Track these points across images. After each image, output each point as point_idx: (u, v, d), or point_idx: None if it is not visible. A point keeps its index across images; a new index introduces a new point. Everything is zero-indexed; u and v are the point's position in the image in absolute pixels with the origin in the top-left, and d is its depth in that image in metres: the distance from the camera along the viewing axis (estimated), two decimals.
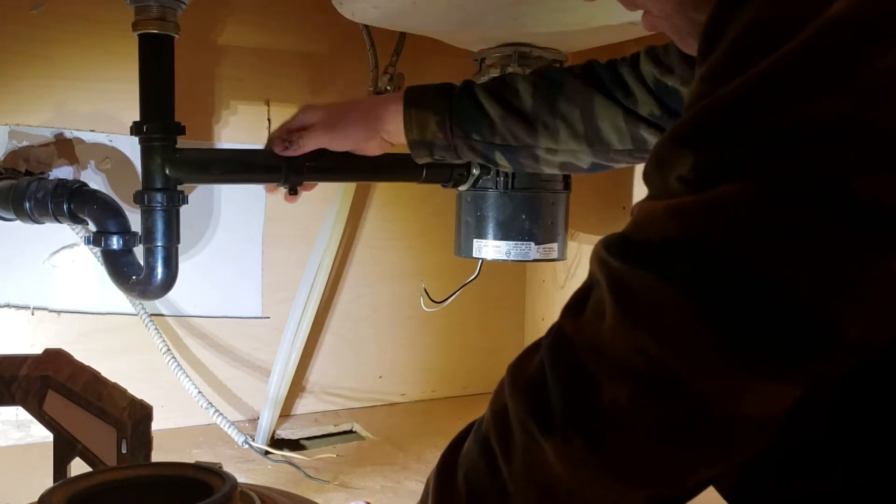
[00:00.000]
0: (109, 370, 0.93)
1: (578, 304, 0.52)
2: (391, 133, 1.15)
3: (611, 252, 0.47)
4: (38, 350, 0.93)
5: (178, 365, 1.55)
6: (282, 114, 1.71)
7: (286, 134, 1.19)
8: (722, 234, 0.41)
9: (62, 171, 1.52)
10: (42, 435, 1.04)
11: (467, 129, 1.09)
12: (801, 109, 0.39)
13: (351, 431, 1.79)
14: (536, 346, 0.55)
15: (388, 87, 1.57)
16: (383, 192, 1.86)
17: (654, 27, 0.65)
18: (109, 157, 1.57)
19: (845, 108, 0.38)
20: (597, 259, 0.49)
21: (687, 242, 0.42)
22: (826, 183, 0.39)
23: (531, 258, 1.46)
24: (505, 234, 1.46)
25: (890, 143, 0.38)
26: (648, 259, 0.44)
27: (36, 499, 0.61)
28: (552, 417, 0.49)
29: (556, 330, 0.53)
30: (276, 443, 1.65)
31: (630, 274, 0.45)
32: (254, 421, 1.71)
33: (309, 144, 1.18)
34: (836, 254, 0.39)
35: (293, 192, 1.26)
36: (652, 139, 1.09)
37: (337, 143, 1.19)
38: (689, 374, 0.43)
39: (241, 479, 0.66)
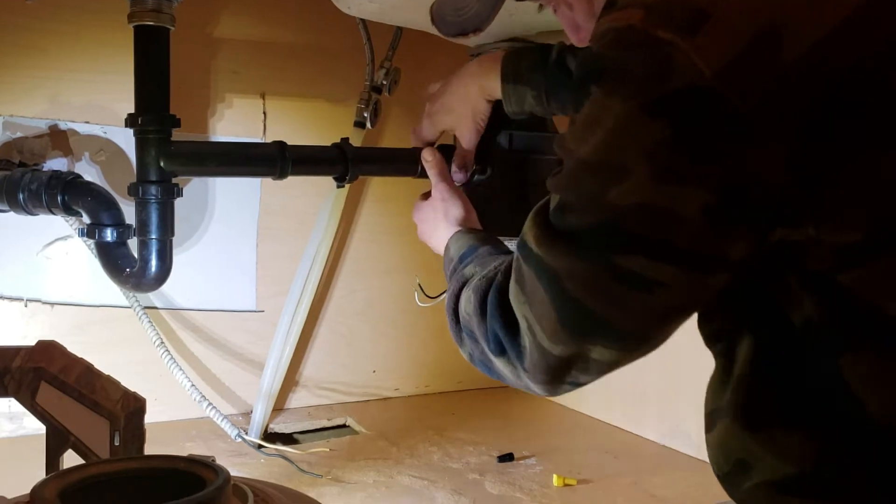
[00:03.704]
0: (103, 362, 0.92)
1: None
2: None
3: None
4: (32, 342, 0.92)
5: (172, 358, 1.54)
6: (277, 107, 1.71)
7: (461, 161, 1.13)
8: None
9: (56, 163, 1.51)
10: (35, 427, 1.04)
11: (563, 102, 1.08)
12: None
13: (344, 426, 1.79)
14: None
15: (384, 82, 1.56)
16: (378, 186, 1.86)
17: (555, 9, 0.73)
18: (104, 149, 1.56)
19: None
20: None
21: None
22: None
23: None
24: (500, 229, 1.46)
25: None
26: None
27: (28, 491, 0.61)
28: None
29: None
30: (270, 436, 1.65)
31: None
32: (247, 414, 1.71)
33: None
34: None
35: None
36: None
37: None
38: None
39: (233, 472, 0.66)
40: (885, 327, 0.51)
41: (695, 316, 0.61)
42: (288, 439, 1.69)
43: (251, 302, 1.75)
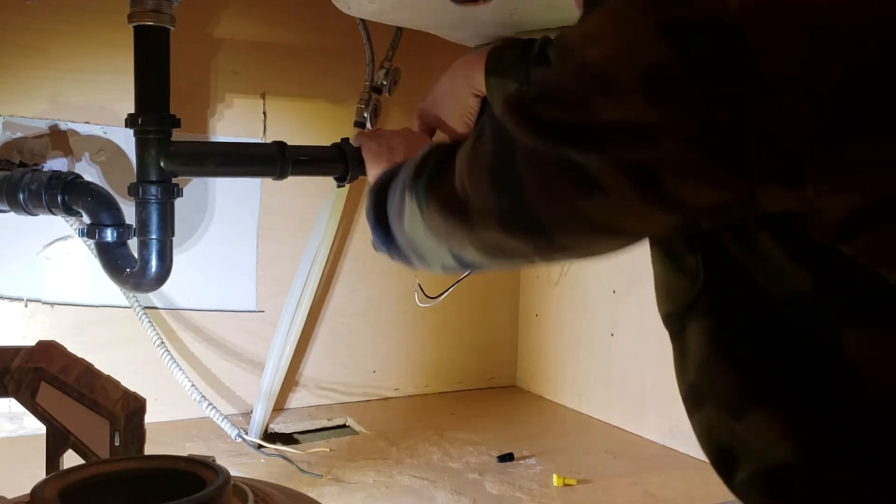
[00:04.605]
0: (103, 363, 0.92)
1: None
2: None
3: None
4: (32, 342, 0.92)
5: (172, 358, 1.55)
6: (277, 107, 1.71)
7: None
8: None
9: (57, 163, 1.51)
10: (35, 427, 1.04)
11: None
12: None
13: (344, 426, 1.79)
14: None
15: (384, 82, 1.56)
16: None
17: None
18: (104, 149, 1.56)
19: None
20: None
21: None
22: None
23: None
24: None
25: None
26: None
27: (28, 491, 0.61)
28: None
29: None
30: (270, 436, 1.65)
31: None
32: (247, 414, 1.71)
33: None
34: None
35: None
36: None
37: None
38: None
39: (233, 472, 0.66)
40: (889, 302, 0.49)
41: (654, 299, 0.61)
42: (288, 439, 1.69)
43: (251, 302, 1.75)
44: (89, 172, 1.53)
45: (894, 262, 0.48)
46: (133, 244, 1.33)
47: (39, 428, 0.88)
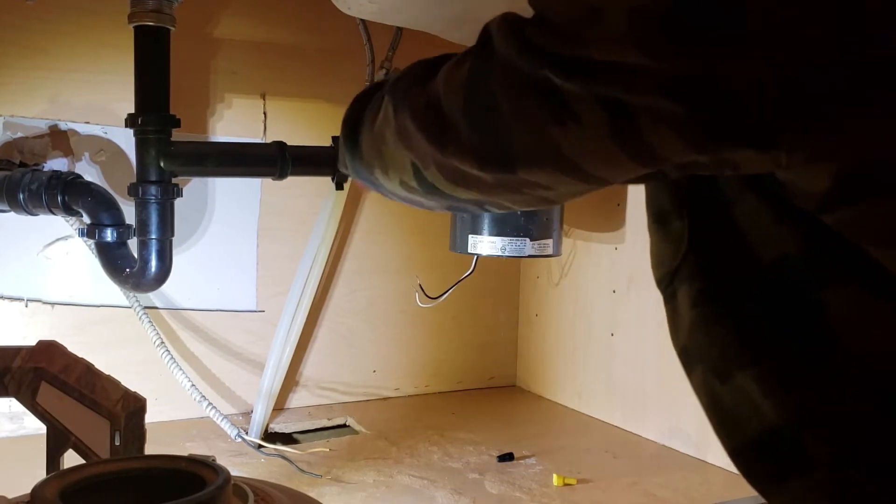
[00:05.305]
0: (103, 362, 0.92)
1: None
2: None
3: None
4: (32, 342, 0.93)
5: (172, 358, 1.55)
6: (277, 107, 1.71)
7: None
8: None
9: (57, 163, 1.51)
10: (35, 427, 1.04)
11: None
12: None
13: (344, 426, 1.79)
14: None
15: None
16: None
17: None
18: (104, 149, 1.56)
19: None
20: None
21: None
22: None
23: (526, 254, 1.47)
24: (500, 229, 1.46)
25: None
26: None
27: (28, 491, 0.61)
28: None
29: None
30: (270, 436, 1.65)
31: None
32: (247, 414, 1.71)
33: None
34: None
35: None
36: None
37: None
38: None
39: (234, 472, 0.66)
40: (873, 267, 0.48)
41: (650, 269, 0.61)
42: (288, 439, 1.69)
43: (251, 302, 1.76)
44: (89, 172, 1.53)
45: (876, 237, 0.48)
46: (133, 244, 1.33)
47: (39, 428, 0.88)
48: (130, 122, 1.25)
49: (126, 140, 1.54)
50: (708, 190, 0.55)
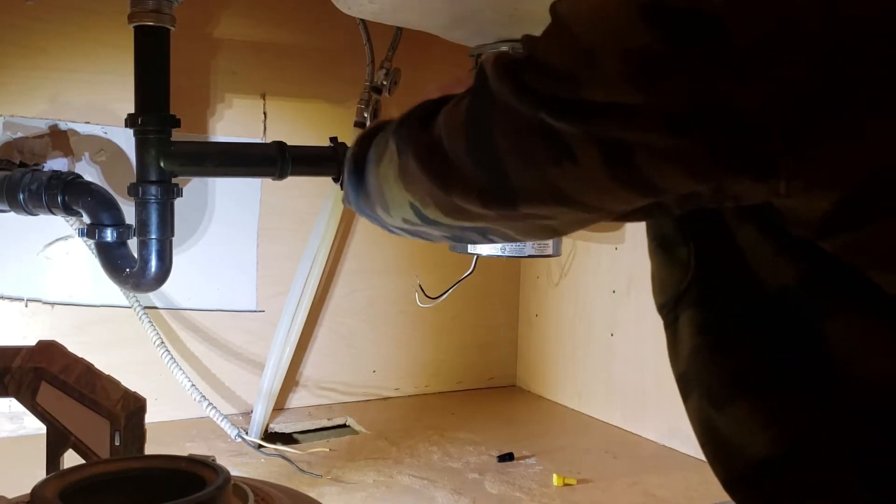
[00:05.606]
0: (103, 362, 0.93)
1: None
2: None
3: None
4: (32, 342, 0.93)
5: (172, 358, 1.55)
6: (277, 107, 1.71)
7: None
8: None
9: (57, 163, 1.51)
10: (35, 427, 1.04)
11: None
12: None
13: (344, 426, 1.79)
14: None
15: (384, 82, 1.56)
16: None
17: None
18: (104, 149, 1.56)
19: None
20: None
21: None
22: None
23: (526, 254, 1.46)
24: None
25: None
26: None
27: (28, 491, 0.61)
28: None
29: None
30: (270, 436, 1.65)
31: None
32: (247, 414, 1.71)
33: None
34: None
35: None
36: None
37: None
38: None
39: (233, 472, 0.66)
40: (873, 293, 0.49)
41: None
42: (288, 439, 1.69)
43: (251, 302, 1.76)
44: (89, 172, 1.53)
45: (876, 260, 0.48)
46: (133, 244, 1.33)
47: (39, 428, 0.88)
48: (130, 122, 1.25)
49: (126, 140, 1.54)
50: (712, 217, 0.55)
